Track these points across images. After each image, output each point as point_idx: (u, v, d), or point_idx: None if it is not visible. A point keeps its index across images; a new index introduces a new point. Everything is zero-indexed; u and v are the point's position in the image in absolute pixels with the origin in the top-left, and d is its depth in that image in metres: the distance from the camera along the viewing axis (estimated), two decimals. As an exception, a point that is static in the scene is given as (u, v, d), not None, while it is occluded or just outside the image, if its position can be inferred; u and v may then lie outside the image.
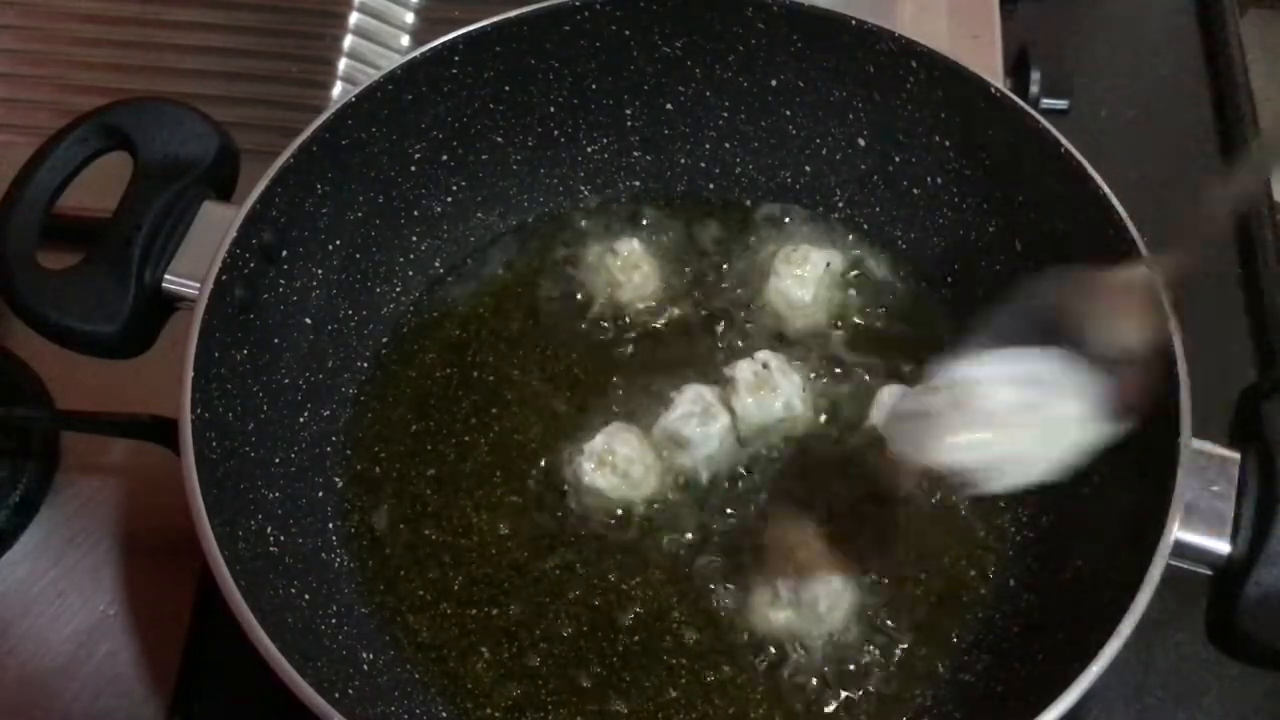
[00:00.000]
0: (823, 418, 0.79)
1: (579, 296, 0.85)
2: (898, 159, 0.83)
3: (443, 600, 0.75)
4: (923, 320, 0.83)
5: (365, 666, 0.70)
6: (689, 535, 0.76)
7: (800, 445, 0.79)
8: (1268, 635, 0.62)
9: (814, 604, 0.71)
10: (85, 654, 0.78)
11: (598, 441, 0.76)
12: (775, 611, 0.72)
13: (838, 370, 0.81)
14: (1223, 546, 0.62)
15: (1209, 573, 0.63)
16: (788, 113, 0.84)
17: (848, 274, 0.85)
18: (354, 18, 1.03)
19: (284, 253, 0.75)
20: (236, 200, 0.73)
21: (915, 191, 0.83)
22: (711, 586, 0.74)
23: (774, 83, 0.83)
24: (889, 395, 0.78)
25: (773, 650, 0.72)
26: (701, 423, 0.77)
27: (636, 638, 0.73)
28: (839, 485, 0.77)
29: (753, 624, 0.73)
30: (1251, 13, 1.61)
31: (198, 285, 0.70)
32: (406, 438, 0.80)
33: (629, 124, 0.87)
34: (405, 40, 1.04)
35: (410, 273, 0.84)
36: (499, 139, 0.85)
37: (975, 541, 0.75)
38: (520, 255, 0.88)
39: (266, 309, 0.75)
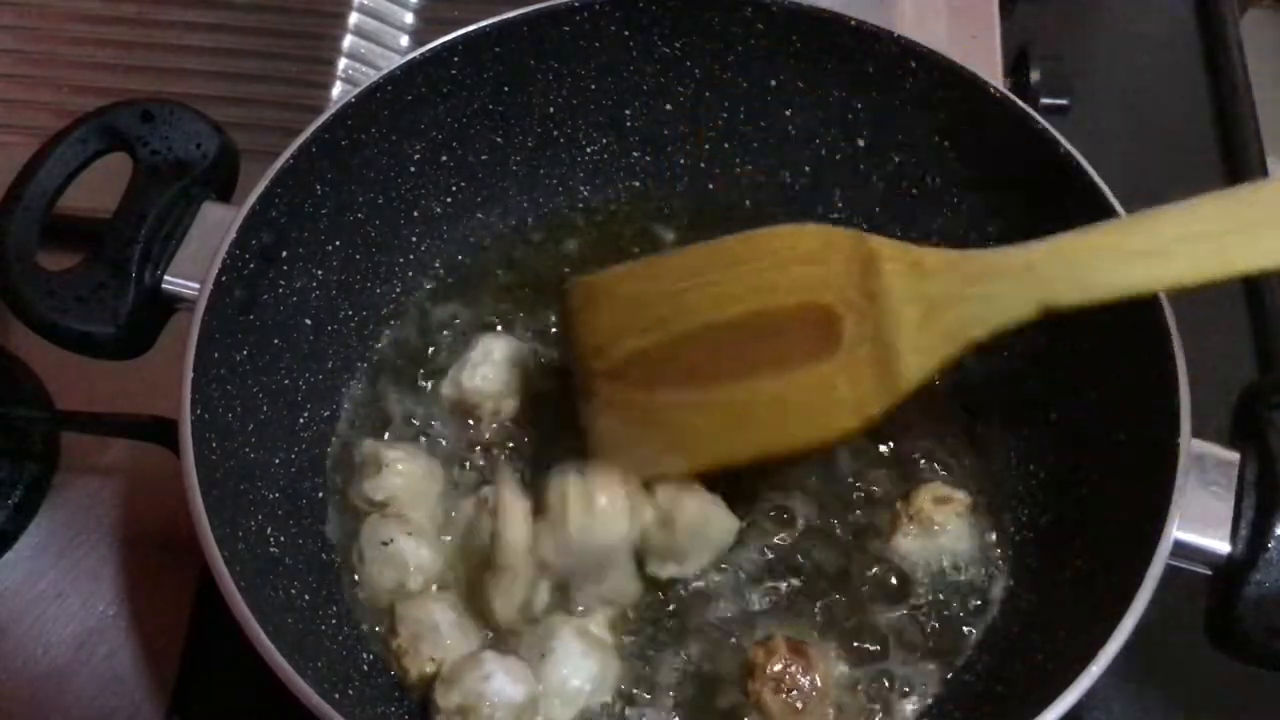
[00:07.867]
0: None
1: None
2: (898, 159, 0.83)
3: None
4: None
5: (365, 666, 0.70)
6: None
7: None
8: (1267, 635, 0.62)
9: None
10: (85, 654, 0.78)
11: None
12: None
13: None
14: (1222, 546, 0.62)
15: (1208, 573, 0.63)
16: (788, 113, 0.84)
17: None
18: (354, 18, 1.03)
19: (284, 253, 0.75)
20: (236, 201, 0.73)
21: (915, 192, 0.83)
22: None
23: (774, 83, 0.83)
24: None
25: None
26: None
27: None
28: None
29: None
30: (1251, 13, 1.61)
31: (198, 286, 0.70)
32: (406, 438, 0.80)
33: (629, 124, 0.86)
34: (405, 40, 1.04)
35: (410, 273, 0.84)
36: (499, 139, 0.85)
37: (975, 542, 0.75)
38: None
39: (266, 309, 0.75)
